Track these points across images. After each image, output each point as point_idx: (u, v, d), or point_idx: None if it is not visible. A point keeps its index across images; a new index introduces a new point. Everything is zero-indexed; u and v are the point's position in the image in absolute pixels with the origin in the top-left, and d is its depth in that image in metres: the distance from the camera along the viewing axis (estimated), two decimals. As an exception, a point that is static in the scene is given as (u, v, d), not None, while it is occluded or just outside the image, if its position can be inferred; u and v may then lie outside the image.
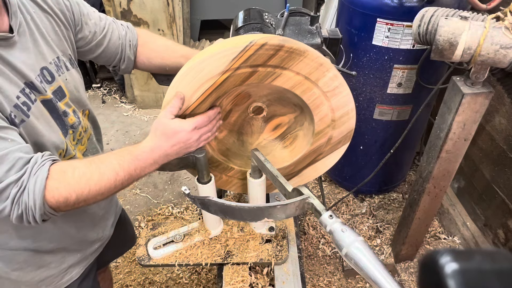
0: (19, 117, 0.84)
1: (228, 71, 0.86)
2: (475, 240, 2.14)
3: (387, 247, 2.29)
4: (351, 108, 0.96)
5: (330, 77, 0.90)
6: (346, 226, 0.77)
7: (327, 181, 2.78)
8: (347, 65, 1.99)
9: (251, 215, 0.88)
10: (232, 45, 0.83)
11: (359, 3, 1.84)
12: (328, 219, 0.80)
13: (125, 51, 1.17)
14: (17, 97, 0.84)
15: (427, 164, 1.72)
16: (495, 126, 1.93)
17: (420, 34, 1.40)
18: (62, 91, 0.99)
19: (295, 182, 1.14)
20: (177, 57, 1.17)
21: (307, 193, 0.87)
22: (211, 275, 2.22)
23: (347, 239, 0.74)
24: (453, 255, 0.37)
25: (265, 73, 0.88)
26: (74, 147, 1.04)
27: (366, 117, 2.17)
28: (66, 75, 1.01)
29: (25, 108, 0.85)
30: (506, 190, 1.90)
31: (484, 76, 1.37)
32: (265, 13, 1.28)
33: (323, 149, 1.04)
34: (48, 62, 0.95)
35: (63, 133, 0.98)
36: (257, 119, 1.10)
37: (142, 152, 0.88)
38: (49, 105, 0.94)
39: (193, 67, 0.86)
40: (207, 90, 0.89)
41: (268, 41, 0.82)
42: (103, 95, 3.91)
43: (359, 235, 0.75)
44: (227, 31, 4.23)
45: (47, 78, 0.94)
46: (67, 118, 1.00)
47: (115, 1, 3.03)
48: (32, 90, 0.89)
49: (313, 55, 0.86)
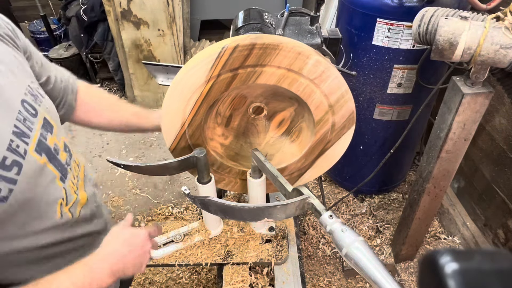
0: (4, 189, 0.70)
1: (211, 80, 0.88)
2: (475, 240, 2.14)
3: (387, 247, 2.29)
4: (345, 90, 0.94)
5: (312, 64, 0.88)
6: (346, 226, 0.77)
7: (327, 181, 2.78)
8: (347, 65, 1.99)
9: (251, 215, 0.88)
10: (207, 54, 0.85)
11: (359, 3, 1.84)
12: (328, 219, 0.80)
13: (66, 96, 1.03)
14: (3, 160, 0.70)
15: (427, 164, 1.72)
16: (495, 126, 1.93)
17: (420, 34, 1.40)
18: (49, 123, 0.86)
19: (310, 175, 1.13)
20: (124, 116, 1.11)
21: (307, 193, 0.87)
22: (211, 275, 2.22)
23: (347, 239, 0.74)
24: (453, 255, 0.37)
25: (247, 74, 0.89)
26: (75, 187, 0.94)
27: (366, 117, 2.17)
28: (45, 102, 0.87)
29: (15, 171, 0.72)
30: (506, 190, 1.90)
31: (484, 76, 1.37)
32: (265, 13, 1.28)
33: (330, 137, 1.03)
34: (23, 93, 0.80)
35: (62, 178, 0.87)
36: (259, 119, 1.10)
37: (97, 261, 0.81)
38: (41, 147, 0.80)
39: (179, 82, 0.89)
40: (197, 102, 0.92)
41: (239, 43, 0.83)
42: (103, 95, 3.91)
43: (359, 235, 0.75)
44: (227, 31, 4.23)
45: (31, 111, 0.80)
46: (58, 156, 0.88)
47: (115, 1, 3.03)
48: (21, 138, 0.75)
49: (288, 45, 0.85)
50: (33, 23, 4.33)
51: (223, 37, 4.10)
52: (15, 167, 0.72)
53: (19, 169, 0.73)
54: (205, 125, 1.02)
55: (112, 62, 3.58)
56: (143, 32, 3.21)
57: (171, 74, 1.34)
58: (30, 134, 0.78)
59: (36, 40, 4.29)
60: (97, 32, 3.40)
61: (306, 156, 1.07)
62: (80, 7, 3.40)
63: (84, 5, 3.38)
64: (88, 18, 3.33)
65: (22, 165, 0.74)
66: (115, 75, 3.69)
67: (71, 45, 3.79)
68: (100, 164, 3.08)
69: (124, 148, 3.25)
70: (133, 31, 3.20)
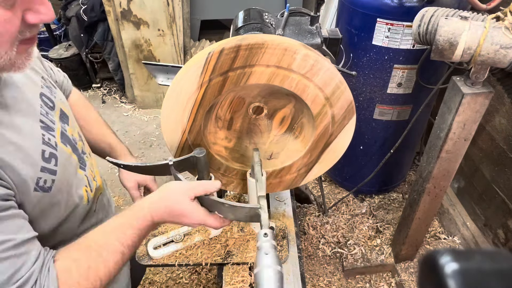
0: (49, 180, 0.75)
1: (203, 86, 0.89)
2: (475, 240, 2.14)
3: (387, 247, 2.29)
4: (339, 80, 0.93)
5: (301, 58, 0.88)
6: (273, 250, 0.73)
7: (327, 181, 2.78)
8: (347, 65, 1.99)
9: (207, 204, 0.89)
10: (195, 61, 0.86)
11: (359, 3, 1.84)
12: (262, 236, 0.77)
13: None
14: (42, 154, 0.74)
15: (427, 164, 1.72)
16: (495, 126, 1.93)
17: (420, 34, 1.40)
18: (65, 114, 0.91)
19: (318, 170, 1.12)
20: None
21: (263, 205, 0.85)
22: (211, 275, 2.22)
23: (264, 261, 0.71)
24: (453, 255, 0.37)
25: (237, 76, 0.89)
26: (93, 174, 0.98)
27: (366, 117, 2.17)
28: (58, 94, 0.92)
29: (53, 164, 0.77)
30: (506, 190, 1.90)
31: (484, 76, 1.37)
32: (265, 13, 1.28)
33: (332, 129, 1.03)
34: (40, 85, 0.85)
35: (82, 167, 0.91)
36: (261, 119, 1.10)
37: (146, 226, 0.83)
38: (64, 138, 0.85)
39: (172, 92, 0.90)
40: (193, 109, 0.93)
41: (224, 46, 0.84)
42: (103, 95, 3.91)
43: (279, 265, 0.70)
44: (227, 31, 4.23)
45: (49, 104, 0.84)
46: (77, 145, 0.92)
47: (115, 1, 3.03)
48: (48, 132, 0.79)
49: (274, 43, 0.85)
50: (33, 23, 4.32)
51: (223, 37, 4.10)
52: (53, 159, 0.78)
53: (56, 160, 0.79)
54: (206, 130, 1.02)
55: (112, 62, 3.58)
56: (143, 32, 3.21)
57: (171, 74, 1.34)
58: (53, 127, 0.83)
59: (36, 40, 4.29)
60: (97, 32, 3.40)
61: (310, 151, 1.07)
62: (80, 7, 3.40)
63: (84, 5, 3.38)
64: (88, 18, 3.33)
65: (57, 156, 0.79)
66: (115, 75, 3.69)
67: (71, 45, 3.79)
68: (100, 164, 3.07)
69: (124, 148, 3.25)
70: (133, 31, 3.20)
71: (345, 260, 2.25)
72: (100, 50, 3.63)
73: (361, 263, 2.23)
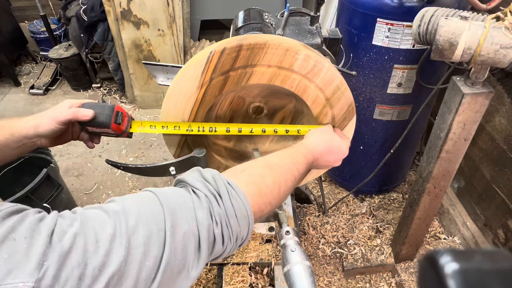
0: None
1: (204, 85, 0.89)
2: (475, 240, 2.14)
3: (387, 247, 2.29)
4: (340, 81, 0.93)
5: (302, 59, 0.88)
6: (298, 246, 0.75)
7: (327, 181, 2.78)
8: (347, 65, 1.99)
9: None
10: (196, 61, 0.86)
11: (359, 3, 1.84)
12: (284, 234, 0.79)
13: None
14: None
15: (427, 164, 1.72)
16: (495, 126, 1.93)
17: (420, 34, 1.40)
18: None
19: (318, 170, 1.11)
20: None
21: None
22: (211, 275, 2.22)
23: (293, 259, 0.72)
24: (453, 255, 0.37)
25: (238, 76, 0.89)
26: None
27: (366, 117, 2.17)
28: None
29: None
30: (506, 190, 1.90)
31: (484, 76, 1.37)
32: (265, 13, 1.28)
33: None
34: None
35: None
36: (261, 119, 1.10)
37: (306, 164, 0.84)
38: None
39: (173, 91, 0.90)
40: (193, 108, 0.93)
41: (226, 46, 0.84)
42: (103, 95, 3.91)
43: (307, 260, 0.71)
44: (227, 31, 4.23)
45: None
46: None
47: (115, 1, 3.03)
48: None
49: (275, 43, 0.85)
50: (33, 23, 4.33)
51: (223, 37, 4.10)
52: None
53: None
54: None
55: (112, 62, 3.58)
56: (143, 32, 3.21)
57: (171, 74, 1.34)
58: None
59: (36, 40, 4.29)
60: (97, 32, 3.40)
61: None
62: (80, 7, 3.40)
63: (84, 5, 3.38)
64: (88, 18, 3.33)
65: None
66: (115, 75, 3.69)
67: (71, 45, 3.79)
68: (100, 164, 3.08)
69: (124, 148, 3.25)
70: (133, 31, 3.20)
71: (345, 260, 2.25)
72: (100, 50, 3.63)
73: (361, 263, 2.23)
